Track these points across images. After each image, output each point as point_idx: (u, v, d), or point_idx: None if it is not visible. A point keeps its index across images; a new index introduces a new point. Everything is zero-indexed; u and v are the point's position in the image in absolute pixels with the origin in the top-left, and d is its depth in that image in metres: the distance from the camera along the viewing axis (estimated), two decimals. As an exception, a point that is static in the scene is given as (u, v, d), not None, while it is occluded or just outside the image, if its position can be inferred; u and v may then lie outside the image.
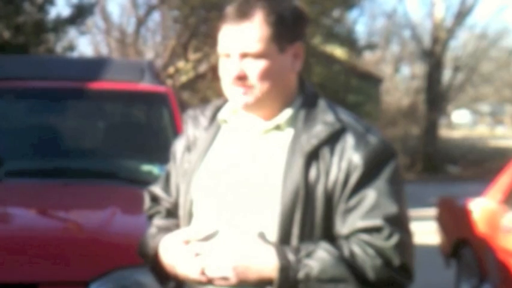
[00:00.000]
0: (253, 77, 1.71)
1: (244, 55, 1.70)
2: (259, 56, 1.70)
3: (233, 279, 1.64)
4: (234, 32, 1.71)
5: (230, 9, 1.73)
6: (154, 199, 1.94)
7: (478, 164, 21.18)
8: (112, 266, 2.75)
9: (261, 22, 1.70)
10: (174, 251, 1.73)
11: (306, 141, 1.70)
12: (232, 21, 1.71)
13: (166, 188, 1.92)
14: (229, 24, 1.72)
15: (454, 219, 6.17)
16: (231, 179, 1.74)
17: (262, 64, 1.70)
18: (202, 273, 1.66)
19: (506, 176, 5.55)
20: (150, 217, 1.93)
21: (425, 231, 7.38)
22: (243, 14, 1.70)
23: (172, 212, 1.88)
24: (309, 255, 1.62)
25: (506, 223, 5.08)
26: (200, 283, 1.69)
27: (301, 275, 1.61)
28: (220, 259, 1.65)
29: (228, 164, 1.76)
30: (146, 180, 2.75)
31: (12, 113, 4.37)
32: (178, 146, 1.90)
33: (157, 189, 1.94)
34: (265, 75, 1.71)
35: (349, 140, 1.70)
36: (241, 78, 1.71)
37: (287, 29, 1.73)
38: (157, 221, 1.88)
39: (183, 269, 1.70)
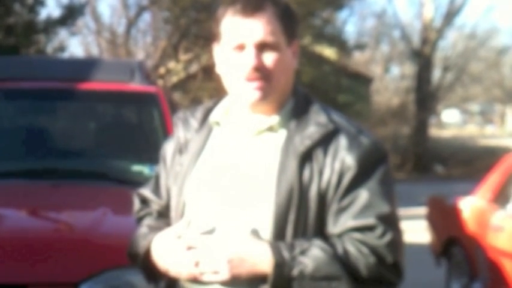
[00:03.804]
0: (270, 68, 1.71)
1: (261, 46, 1.70)
2: (274, 47, 1.71)
3: (226, 274, 1.63)
4: (247, 23, 1.70)
5: (236, 3, 1.72)
6: (144, 201, 1.94)
7: (467, 163, 21.26)
8: (102, 267, 2.75)
9: (272, 15, 1.72)
10: (167, 246, 1.72)
11: (300, 142, 1.71)
12: (244, 13, 1.71)
13: (156, 190, 1.91)
14: (240, 17, 1.71)
15: (444, 218, 6.20)
16: (225, 181, 1.74)
17: (277, 56, 1.71)
18: (196, 266, 1.65)
19: (496, 175, 5.58)
20: (140, 219, 1.92)
21: (416, 229, 7.40)
22: (255, 6, 1.71)
23: (163, 214, 1.87)
24: (303, 252, 1.63)
25: (496, 221, 5.11)
26: (192, 281, 1.69)
27: (295, 272, 1.61)
28: (215, 253, 1.64)
29: (222, 165, 1.76)
30: (137, 181, 2.75)
31: (2, 113, 4.35)
32: (168, 149, 1.89)
33: (147, 191, 1.93)
34: (280, 67, 1.72)
35: (342, 141, 1.71)
36: (258, 70, 1.70)
37: (291, 24, 1.76)
38: (149, 221, 1.88)
39: (176, 264, 1.69)
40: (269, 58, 1.71)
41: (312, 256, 1.62)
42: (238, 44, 1.71)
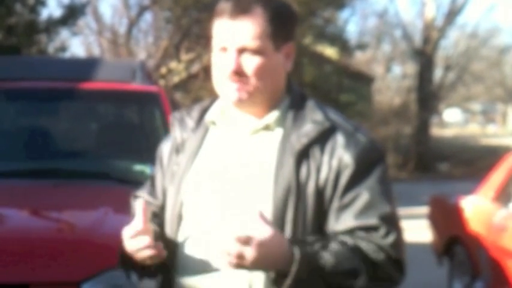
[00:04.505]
0: (250, 73, 1.70)
1: (242, 50, 1.70)
2: (256, 51, 1.70)
3: (251, 262, 1.54)
4: (232, 26, 1.70)
5: (226, 4, 1.72)
6: None
7: (469, 163, 21.23)
8: (104, 266, 2.75)
9: (260, 18, 1.70)
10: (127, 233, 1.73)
11: (296, 140, 1.71)
12: (230, 15, 1.70)
13: (152, 191, 1.91)
14: (227, 18, 1.71)
15: (446, 217, 6.19)
16: (222, 180, 1.74)
17: (258, 60, 1.71)
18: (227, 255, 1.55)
19: (498, 174, 5.58)
20: None
21: (418, 229, 7.40)
22: (242, 9, 1.70)
23: (157, 215, 1.87)
24: (324, 247, 1.62)
25: (498, 220, 5.10)
26: (189, 273, 1.68)
27: (318, 265, 1.59)
28: (242, 242, 1.54)
29: (219, 165, 1.76)
30: (138, 180, 2.74)
31: (4, 114, 4.36)
32: (165, 149, 1.89)
33: (143, 193, 1.94)
34: (261, 72, 1.71)
35: (339, 138, 1.71)
36: (238, 73, 1.70)
37: (283, 27, 1.74)
38: None
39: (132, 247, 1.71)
40: (250, 63, 1.70)
41: (333, 251, 1.62)
42: (222, 47, 1.72)
